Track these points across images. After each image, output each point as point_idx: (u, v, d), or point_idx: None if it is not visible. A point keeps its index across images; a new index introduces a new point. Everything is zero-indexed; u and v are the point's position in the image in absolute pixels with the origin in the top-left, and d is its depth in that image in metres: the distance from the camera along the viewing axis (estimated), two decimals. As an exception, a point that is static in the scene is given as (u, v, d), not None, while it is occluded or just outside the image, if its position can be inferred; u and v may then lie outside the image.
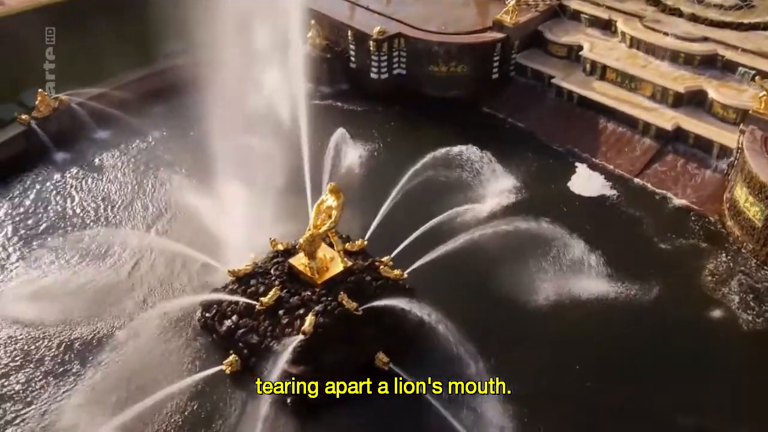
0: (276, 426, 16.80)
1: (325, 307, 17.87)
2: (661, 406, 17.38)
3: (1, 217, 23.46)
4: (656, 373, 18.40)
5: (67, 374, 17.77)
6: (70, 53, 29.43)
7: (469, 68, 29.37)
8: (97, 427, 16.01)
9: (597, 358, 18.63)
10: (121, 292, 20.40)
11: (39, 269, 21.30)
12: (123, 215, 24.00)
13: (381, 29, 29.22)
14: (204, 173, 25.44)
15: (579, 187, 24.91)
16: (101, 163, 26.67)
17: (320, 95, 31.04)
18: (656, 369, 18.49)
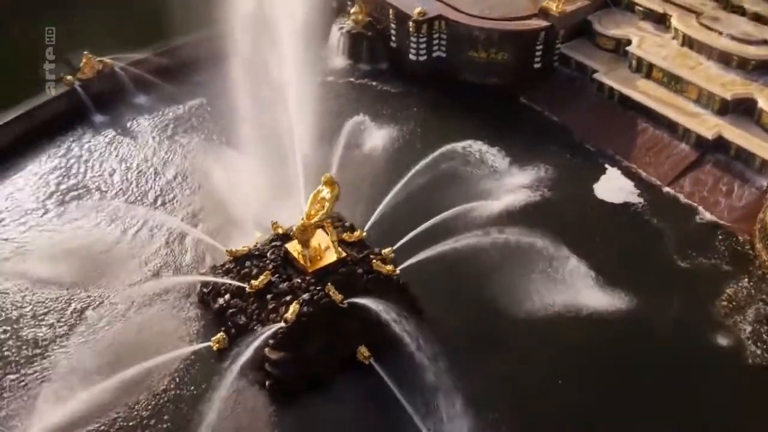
0: (253, 407, 17.33)
1: (312, 296, 18.05)
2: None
3: (36, 175, 24.70)
4: (647, 396, 17.74)
5: (68, 335, 18.70)
6: (117, 16, 30.39)
7: (510, 56, 28.37)
8: (86, 387, 16.95)
9: (586, 375, 18.10)
10: (135, 259, 21.14)
11: (65, 230, 22.32)
12: (150, 182, 24.73)
13: (421, 10, 28.54)
14: (228, 145, 26.18)
15: (604, 191, 23.89)
16: (136, 127, 27.53)
17: (357, 73, 30.85)
18: (648, 393, 17.79)
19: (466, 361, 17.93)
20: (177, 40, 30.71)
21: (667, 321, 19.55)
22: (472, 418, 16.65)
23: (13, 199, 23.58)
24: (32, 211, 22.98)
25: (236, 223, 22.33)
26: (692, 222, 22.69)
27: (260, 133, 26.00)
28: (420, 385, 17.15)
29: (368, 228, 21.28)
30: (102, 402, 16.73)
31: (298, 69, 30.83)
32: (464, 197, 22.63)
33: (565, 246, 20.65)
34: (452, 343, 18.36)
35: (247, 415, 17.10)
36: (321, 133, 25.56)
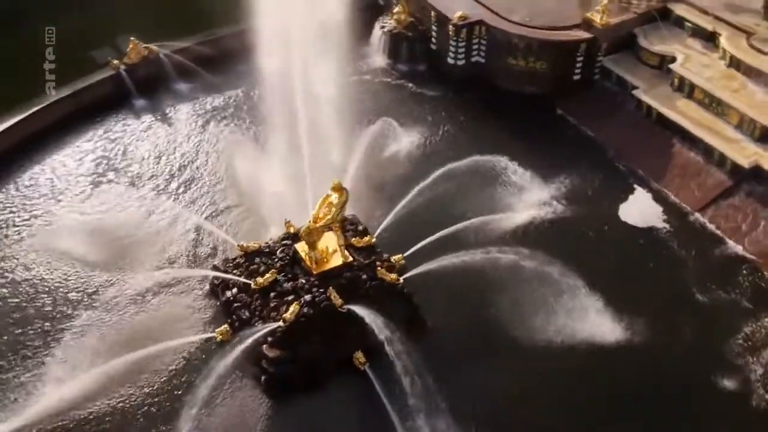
0: (246, 401, 17.79)
1: (313, 298, 18.37)
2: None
3: (74, 155, 25.81)
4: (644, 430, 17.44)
5: (81, 314, 19.53)
6: (164, 4, 31.23)
7: (549, 66, 27.81)
8: (91, 366, 17.76)
9: (581, 402, 17.82)
10: (154, 246, 21.79)
11: (94, 211, 23.24)
12: (180, 170, 25.39)
13: (462, 14, 28.27)
14: (258, 138, 26.62)
15: (628, 213, 23.21)
16: (174, 114, 28.34)
17: (395, 74, 30.86)
18: (647, 427, 17.51)
19: (459, 378, 17.96)
20: (221, 30, 31.44)
21: (676, 355, 19.00)
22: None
23: (51, 176, 24.71)
24: (66, 190, 24.08)
25: (256, 217, 22.88)
26: (717, 253, 21.84)
27: (290, 128, 26.45)
28: (409, 397, 17.21)
29: (382, 232, 21.55)
30: (103, 383, 17.45)
31: (336, 65, 31.24)
32: (482, 209, 22.55)
33: (577, 268, 20.09)
34: (448, 358, 18.42)
35: (237, 408, 17.53)
36: (348, 132, 25.89)
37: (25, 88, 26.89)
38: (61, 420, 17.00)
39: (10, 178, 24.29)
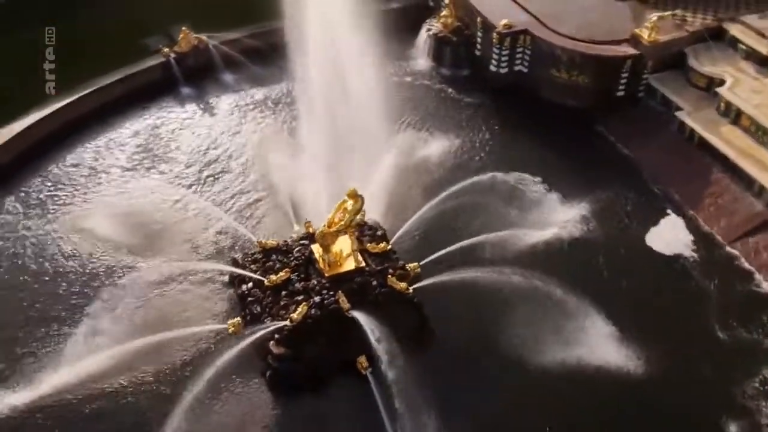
0: (248, 392, 18.35)
1: (322, 300, 18.76)
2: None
3: (119, 139, 26.98)
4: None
5: (106, 291, 20.44)
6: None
7: (592, 80, 27.24)
8: (108, 346, 18.65)
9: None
10: (181, 235, 22.60)
11: (131, 195, 24.12)
12: (216, 160, 26.22)
13: (507, 23, 27.97)
14: (295, 133, 26.99)
15: (656, 239, 22.67)
16: (217, 104, 29.20)
17: (437, 77, 30.84)
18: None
19: (456, 395, 18.04)
20: (271, 23, 31.94)
21: (687, 391, 18.52)
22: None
23: (95, 157, 25.93)
24: (106, 172, 25.22)
25: (283, 214, 23.33)
26: (745, 289, 21.09)
27: (326, 126, 26.89)
28: (404, 408, 17.36)
29: (400, 239, 21.75)
30: (120, 361, 18.30)
31: (380, 65, 31.49)
32: (503, 224, 22.33)
33: (593, 293, 19.85)
34: (449, 373, 18.58)
35: (240, 397, 18.14)
36: (382, 134, 26.15)
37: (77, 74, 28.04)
38: (78, 391, 17.92)
39: (56, 156, 25.62)
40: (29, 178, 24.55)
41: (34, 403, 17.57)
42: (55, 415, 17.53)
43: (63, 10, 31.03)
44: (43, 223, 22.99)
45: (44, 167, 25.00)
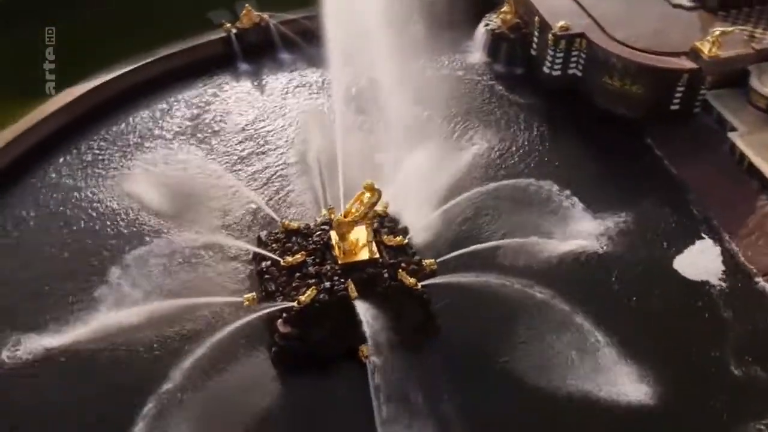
0: (253, 365, 19.18)
1: (332, 286, 19.37)
2: None
3: (173, 108, 28.32)
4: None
5: (136, 251, 21.60)
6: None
7: (645, 91, 26.41)
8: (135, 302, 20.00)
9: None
10: (216, 209, 23.57)
11: (175, 165, 25.18)
12: (264, 138, 27.07)
13: (564, 25, 27.39)
14: (343, 117, 27.26)
15: (685, 263, 21.90)
16: (271, 83, 30.10)
17: (489, 74, 30.61)
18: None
19: (451, 393, 18.28)
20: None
21: (694, 427, 18.08)
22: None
23: (148, 125, 27.37)
24: (156, 139, 26.60)
25: (315, 197, 23.94)
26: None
27: (371, 113, 27.50)
28: (397, 401, 17.84)
29: (423, 233, 22.09)
30: (141, 320, 19.44)
31: (434, 57, 31.64)
32: (527, 230, 22.21)
33: (610, 315, 19.65)
34: (447, 373, 18.87)
35: (244, 368, 18.95)
36: (424, 125, 26.53)
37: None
38: (99, 342, 19.15)
39: (113, 120, 27.23)
40: (84, 139, 26.23)
41: (59, 349, 18.97)
42: (76, 360, 18.87)
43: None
44: (89, 183, 24.59)
45: (98, 130, 26.65)
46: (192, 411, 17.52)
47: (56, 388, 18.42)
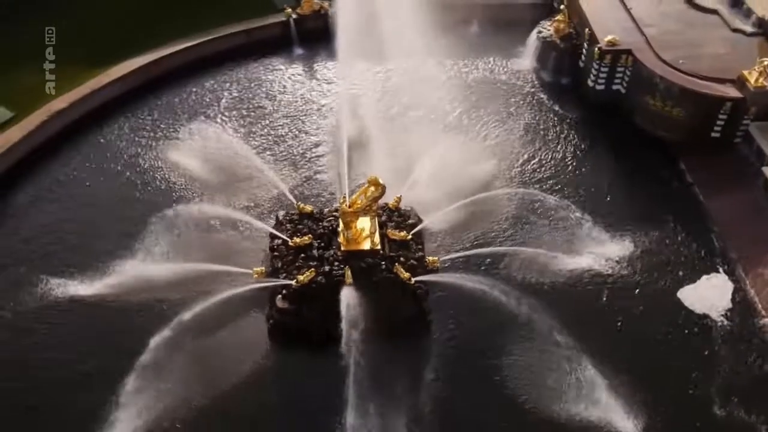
0: (250, 332, 20.54)
1: (330, 270, 20.50)
2: None
3: (227, 85, 30.10)
4: None
5: (169, 213, 23.00)
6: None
7: (686, 115, 25.86)
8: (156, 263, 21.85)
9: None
10: (245, 188, 24.92)
11: (220, 141, 26.60)
12: (303, 127, 28.22)
13: (611, 39, 27.11)
14: (381, 114, 28.28)
15: (691, 293, 21.63)
16: (322, 70, 31.41)
17: (535, 81, 30.74)
18: None
19: (430, 389, 18.96)
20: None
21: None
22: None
23: (198, 99, 29.22)
24: (203, 114, 28.42)
25: (340, 183, 24.99)
26: (761, 367, 19.76)
27: (410, 108, 28.39)
28: (373, 386, 18.72)
29: (429, 230, 22.88)
30: (159, 277, 21.11)
31: (484, 59, 32.10)
32: (539, 242, 22.70)
33: (601, 337, 19.85)
34: (426, 366, 19.56)
35: (242, 333, 20.35)
36: (457, 125, 27.46)
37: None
38: (128, 291, 20.94)
39: (166, 92, 29.34)
40: (137, 109, 28.47)
41: (94, 294, 21.01)
42: (107, 303, 20.83)
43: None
44: (136, 148, 26.78)
45: (151, 101, 28.82)
46: (186, 359, 18.97)
47: (68, 329, 20.38)
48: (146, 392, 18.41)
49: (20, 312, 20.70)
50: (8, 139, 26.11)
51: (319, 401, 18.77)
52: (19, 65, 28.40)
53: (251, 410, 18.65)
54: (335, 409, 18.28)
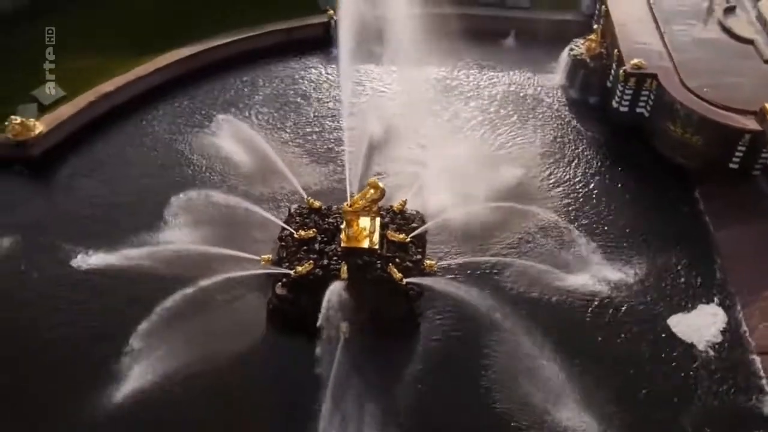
0: (251, 313, 21.87)
1: (328, 264, 21.68)
2: None
3: (266, 80, 31.68)
4: None
5: (191, 199, 24.69)
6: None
7: (705, 144, 25.84)
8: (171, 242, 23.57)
9: None
10: (265, 180, 26.29)
11: (255, 135, 28.07)
12: (331, 126, 29.41)
13: (637, 63, 27.26)
14: (408, 120, 29.09)
15: (680, 322, 21.64)
16: (358, 72, 32.27)
17: (561, 98, 31.12)
18: None
19: (411, 389, 19.81)
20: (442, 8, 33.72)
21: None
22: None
23: (235, 93, 30.89)
24: (239, 106, 30.04)
25: (354, 182, 26.08)
26: (740, 403, 19.57)
27: (434, 116, 29.31)
28: (354, 378, 19.80)
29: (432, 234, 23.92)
30: (172, 254, 22.71)
31: (514, 72, 32.72)
32: (539, 256, 23.26)
33: (582, 360, 20.07)
34: (414, 368, 20.45)
35: (239, 312, 21.62)
36: (479, 136, 28.43)
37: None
38: (144, 263, 22.49)
39: (206, 83, 31.17)
40: (177, 97, 30.42)
41: (112, 265, 22.68)
42: (123, 273, 22.45)
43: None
44: (174, 134, 28.69)
45: (193, 91, 30.73)
46: (188, 329, 20.46)
47: (84, 296, 22.21)
48: (149, 354, 20.13)
49: (43, 277, 22.67)
50: (58, 116, 28.45)
51: (301, 386, 19.95)
52: (74, 49, 30.66)
53: (237, 382, 19.90)
54: (314, 394, 19.42)
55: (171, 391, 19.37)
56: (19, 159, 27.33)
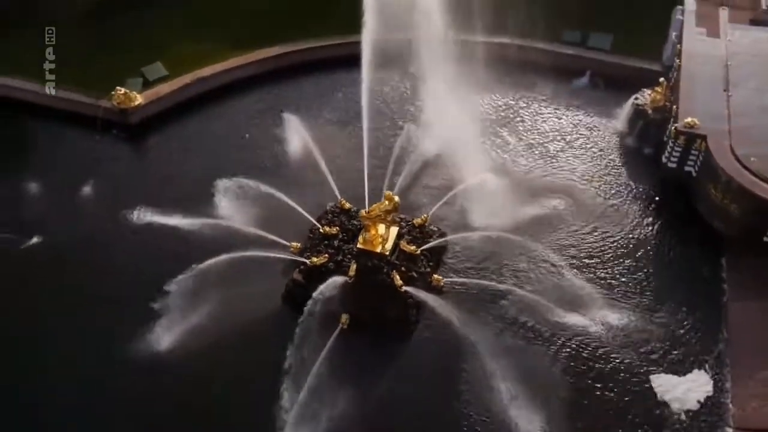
0: (272, 293, 24.64)
1: (341, 260, 24.07)
2: None
3: (333, 89, 34.51)
4: None
5: (242, 186, 28.24)
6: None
7: (742, 213, 25.54)
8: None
9: None
10: (319, 178, 28.46)
11: (312, 135, 30.80)
12: (395, 136, 31.60)
13: (690, 122, 27.26)
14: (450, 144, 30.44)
15: (664, 382, 21.98)
16: (426, 90, 34.02)
17: (618, 144, 31.55)
18: None
19: (388, 385, 21.80)
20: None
21: None
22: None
23: (316, 96, 34.09)
24: (307, 109, 33.04)
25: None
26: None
27: (481, 136, 30.85)
28: (340, 365, 22.03)
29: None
30: (207, 231, 25.97)
31: (577, 111, 33.60)
32: (545, 293, 24.32)
33: (554, 402, 21.01)
34: (399, 369, 22.43)
35: (260, 288, 24.23)
36: (518, 163, 29.77)
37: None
38: (180, 230, 26.10)
39: (291, 83, 34.79)
40: (255, 92, 34.01)
41: (165, 224, 26.45)
42: (172, 232, 26.05)
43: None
44: (245, 126, 32.27)
45: (275, 88, 34.36)
46: (210, 295, 23.68)
47: (132, 247, 26.36)
48: (175, 311, 23.65)
49: (103, 228, 26.99)
50: (158, 92, 32.89)
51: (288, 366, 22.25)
52: (184, 37, 35.04)
53: (239, 354, 22.72)
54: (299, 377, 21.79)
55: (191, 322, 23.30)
56: (119, 124, 32.05)
